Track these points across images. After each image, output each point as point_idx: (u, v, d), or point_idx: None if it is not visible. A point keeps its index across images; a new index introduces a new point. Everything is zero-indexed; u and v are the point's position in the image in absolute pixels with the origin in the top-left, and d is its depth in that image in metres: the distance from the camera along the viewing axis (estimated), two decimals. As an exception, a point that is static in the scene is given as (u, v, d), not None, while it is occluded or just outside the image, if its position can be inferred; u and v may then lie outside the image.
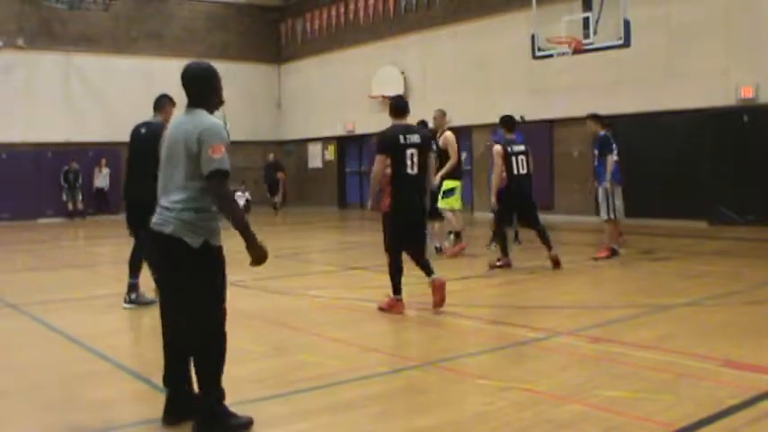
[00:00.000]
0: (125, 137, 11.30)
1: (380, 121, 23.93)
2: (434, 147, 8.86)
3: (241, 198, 21.57)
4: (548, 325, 6.33)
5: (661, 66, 14.99)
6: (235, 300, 8.03)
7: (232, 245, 4.13)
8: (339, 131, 23.31)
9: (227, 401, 3.83)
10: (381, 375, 4.85)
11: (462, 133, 19.90)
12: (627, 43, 13.30)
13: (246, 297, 8.17)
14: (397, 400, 4.32)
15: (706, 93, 14.37)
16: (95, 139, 21.90)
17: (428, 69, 20.34)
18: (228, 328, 3.85)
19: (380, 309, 6.92)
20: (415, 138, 6.83)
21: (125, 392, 4.68)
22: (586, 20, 14.11)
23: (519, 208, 9.66)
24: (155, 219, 3.82)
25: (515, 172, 9.45)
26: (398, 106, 7.11)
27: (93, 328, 6.78)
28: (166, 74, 23.46)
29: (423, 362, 5.14)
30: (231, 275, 4.01)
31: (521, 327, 6.19)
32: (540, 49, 14.67)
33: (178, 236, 3.70)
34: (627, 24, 13.08)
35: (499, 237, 9.71)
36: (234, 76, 24.84)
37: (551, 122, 16.84)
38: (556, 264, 9.15)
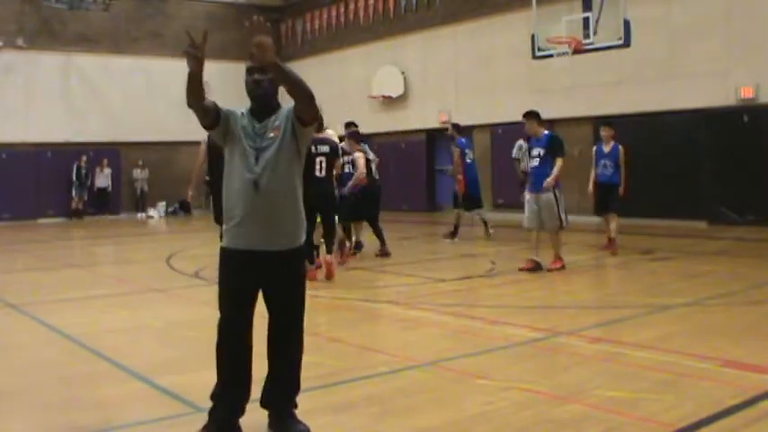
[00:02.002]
0: (125, 137, 11.34)
1: (381, 121, 23.93)
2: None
3: None
4: (548, 325, 6.33)
5: (661, 66, 14.99)
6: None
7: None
8: (339, 131, 23.29)
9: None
10: (381, 375, 4.85)
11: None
12: (627, 43, 13.29)
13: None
14: (397, 400, 4.32)
15: (706, 93, 14.36)
16: (95, 139, 21.91)
17: (428, 69, 20.34)
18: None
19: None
20: (325, 148, 8.75)
21: (125, 392, 4.68)
22: (586, 20, 14.10)
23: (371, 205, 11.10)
24: None
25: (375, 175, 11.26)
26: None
27: (93, 328, 6.79)
28: (166, 74, 23.59)
29: (423, 362, 5.14)
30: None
31: (521, 327, 6.18)
32: (540, 49, 14.67)
33: None
34: (627, 24, 13.08)
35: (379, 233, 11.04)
36: (234, 76, 24.80)
37: (551, 122, 16.80)
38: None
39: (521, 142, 14.57)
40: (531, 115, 9.48)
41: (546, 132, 9.52)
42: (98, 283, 9.50)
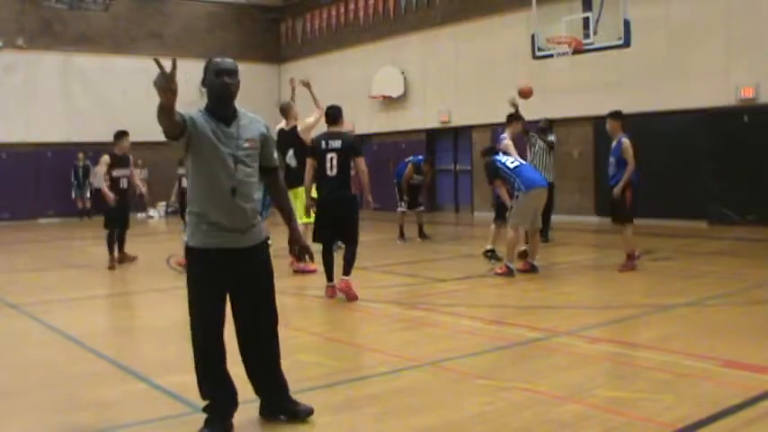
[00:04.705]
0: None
1: (381, 122, 23.92)
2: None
3: None
4: (548, 325, 6.33)
5: (661, 66, 14.98)
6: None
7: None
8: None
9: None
10: (381, 375, 4.85)
11: (463, 133, 20.01)
12: (627, 43, 13.29)
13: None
14: (397, 400, 4.32)
15: (706, 93, 14.36)
16: (95, 138, 21.87)
17: (428, 69, 20.33)
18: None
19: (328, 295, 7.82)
20: (337, 143, 7.58)
21: (125, 392, 4.68)
22: (586, 20, 14.11)
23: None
24: None
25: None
26: (329, 115, 7.86)
27: (94, 328, 6.79)
28: (166, 74, 23.56)
29: (423, 362, 5.14)
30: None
31: (521, 327, 6.18)
32: (540, 49, 14.67)
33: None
34: (627, 24, 13.08)
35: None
36: (233, 76, 24.83)
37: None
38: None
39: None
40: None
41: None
42: (98, 283, 9.50)
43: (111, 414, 4.27)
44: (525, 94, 11.57)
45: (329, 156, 7.55)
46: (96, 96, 21.93)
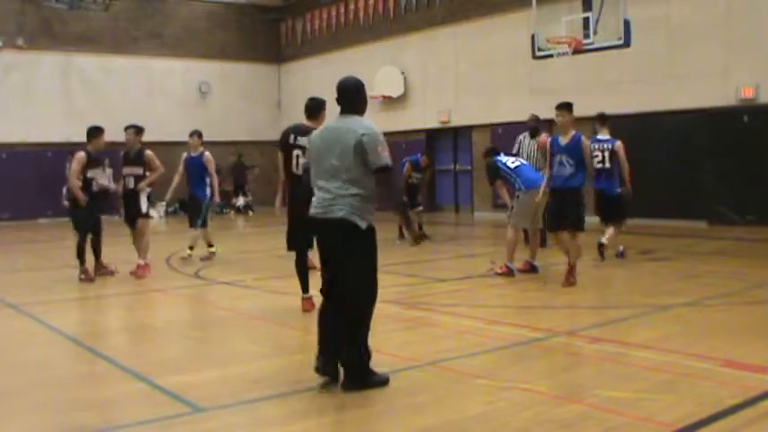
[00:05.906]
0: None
1: (381, 121, 23.87)
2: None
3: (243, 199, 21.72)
4: (548, 325, 6.33)
5: (661, 66, 14.99)
6: (235, 300, 8.07)
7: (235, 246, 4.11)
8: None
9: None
10: (381, 375, 4.85)
11: (462, 133, 20.01)
12: (627, 43, 13.28)
13: (246, 297, 8.18)
14: (397, 400, 4.32)
15: (706, 93, 14.36)
16: (95, 139, 21.91)
17: (428, 69, 20.34)
18: (229, 328, 3.87)
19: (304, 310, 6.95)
20: (304, 140, 6.53)
21: (125, 392, 4.68)
22: (586, 20, 14.09)
23: None
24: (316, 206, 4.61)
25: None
26: (308, 107, 7.07)
27: (93, 328, 6.79)
28: (166, 74, 23.61)
29: (423, 362, 5.14)
30: (231, 275, 3.99)
31: (521, 327, 6.19)
32: (540, 49, 14.66)
33: (348, 219, 4.47)
34: (627, 24, 13.07)
35: None
36: (234, 76, 24.87)
37: (551, 122, 16.81)
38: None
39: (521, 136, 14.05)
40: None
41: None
42: (98, 283, 9.50)
43: (111, 414, 4.27)
44: None
45: (295, 152, 6.78)
46: (96, 96, 21.92)
